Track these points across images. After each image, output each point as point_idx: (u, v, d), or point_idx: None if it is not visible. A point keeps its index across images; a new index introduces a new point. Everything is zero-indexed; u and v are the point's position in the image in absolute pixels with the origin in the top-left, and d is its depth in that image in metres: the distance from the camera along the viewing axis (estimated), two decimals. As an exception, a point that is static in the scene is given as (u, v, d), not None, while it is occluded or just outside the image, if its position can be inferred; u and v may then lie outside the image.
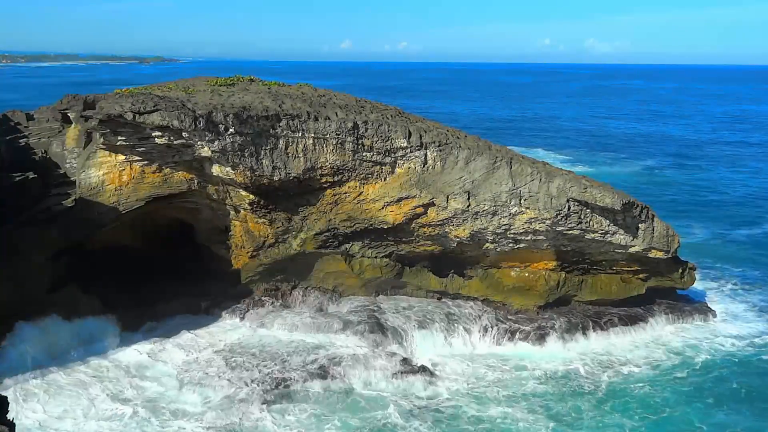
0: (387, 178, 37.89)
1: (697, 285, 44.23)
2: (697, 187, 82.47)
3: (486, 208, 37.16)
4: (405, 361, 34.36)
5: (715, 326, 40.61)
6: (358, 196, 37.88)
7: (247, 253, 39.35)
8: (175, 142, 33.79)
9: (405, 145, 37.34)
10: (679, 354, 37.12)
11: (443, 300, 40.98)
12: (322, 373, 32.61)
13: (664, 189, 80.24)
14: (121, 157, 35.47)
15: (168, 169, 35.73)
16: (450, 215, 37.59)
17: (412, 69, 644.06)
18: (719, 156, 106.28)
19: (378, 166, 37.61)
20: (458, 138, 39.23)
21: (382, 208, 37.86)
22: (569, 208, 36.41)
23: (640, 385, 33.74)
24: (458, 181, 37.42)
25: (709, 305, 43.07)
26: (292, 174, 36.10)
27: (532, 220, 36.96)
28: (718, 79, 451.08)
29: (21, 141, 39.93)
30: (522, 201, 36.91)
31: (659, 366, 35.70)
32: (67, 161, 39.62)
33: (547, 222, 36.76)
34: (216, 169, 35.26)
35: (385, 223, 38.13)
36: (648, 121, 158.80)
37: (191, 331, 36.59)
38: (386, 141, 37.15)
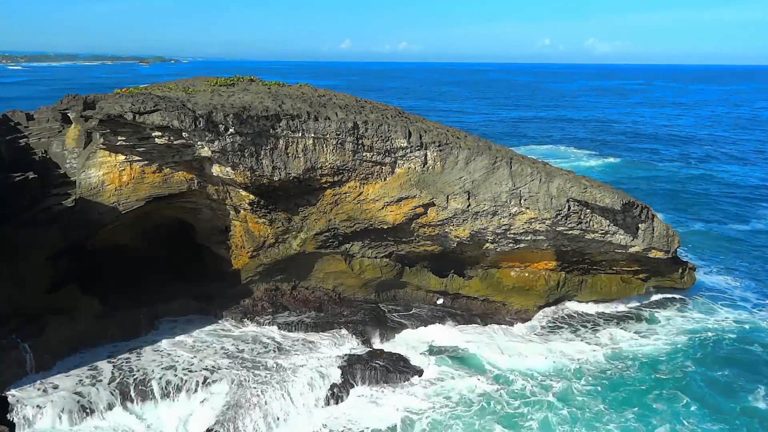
0: (387, 178, 37.90)
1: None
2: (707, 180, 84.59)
3: (486, 208, 37.17)
4: (404, 361, 34.39)
5: (715, 319, 40.80)
6: (358, 196, 37.88)
7: (247, 253, 39.36)
8: (175, 142, 33.77)
9: (405, 145, 37.34)
10: (682, 347, 37.37)
11: (443, 300, 41.06)
12: (322, 373, 32.63)
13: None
14: (121, 157, 35.48)
15: (168, 169, 35.74)
16: (450, 215, 37.61)
17: (413, 69, 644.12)
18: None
19: (378, 166, 37.61)
20: (458, 138, 39.23)
21: (382, 208, 37.86)
22: (569, 208, 36.43)
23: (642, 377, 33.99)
24: (458, 181, 37.43)
25: (706, 297, 43.52)
26: (292, 174, 36.10)
27: (532, 220, 36.97)
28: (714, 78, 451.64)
29: (21, 141, 39.95)
30: (522, 201, 36.92)
31: (661, 362, 35.79)
32: (67, 161, 39.63)
33: (547, 222, 36.78)
34: (216, 169, 35.26)
35: (385, 223, 38.14)
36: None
37: (191, 332, 36.62)
38: (386, 141, 37.15)
